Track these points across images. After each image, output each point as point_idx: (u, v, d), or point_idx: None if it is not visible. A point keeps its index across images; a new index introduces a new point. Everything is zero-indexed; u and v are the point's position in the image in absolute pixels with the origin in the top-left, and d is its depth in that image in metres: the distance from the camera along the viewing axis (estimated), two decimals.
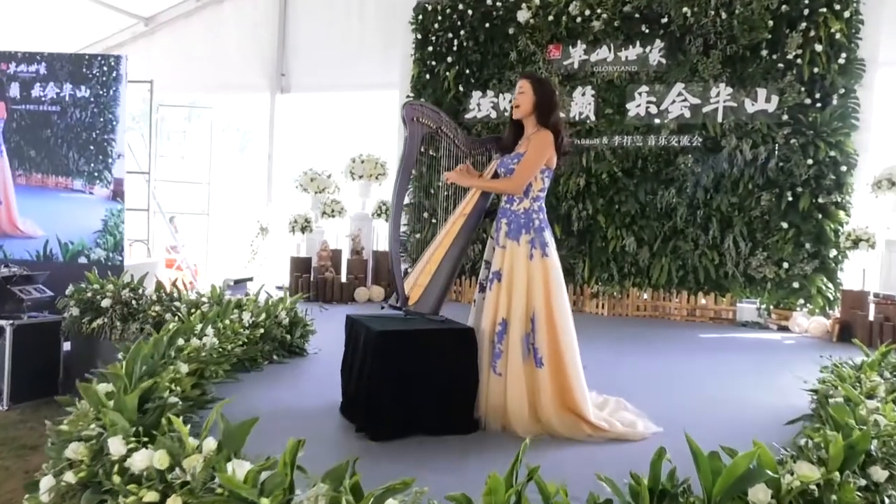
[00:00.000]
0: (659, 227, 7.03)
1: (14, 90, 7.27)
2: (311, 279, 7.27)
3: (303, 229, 7.47)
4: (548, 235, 3.19)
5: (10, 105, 7.27)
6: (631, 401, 3.48)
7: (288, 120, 9.45)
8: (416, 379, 2.93)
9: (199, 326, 3.63)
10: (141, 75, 8.65)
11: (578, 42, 7.33)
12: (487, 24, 7.64)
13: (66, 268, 6.80)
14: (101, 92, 7.26)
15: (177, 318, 4.72)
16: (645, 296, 7.19)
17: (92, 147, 7.23)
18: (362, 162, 7.78)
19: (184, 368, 2.95)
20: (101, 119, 7.25)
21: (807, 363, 4.21)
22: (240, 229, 9.61)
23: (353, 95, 9.77)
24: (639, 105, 7.11)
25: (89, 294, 5.27)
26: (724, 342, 5.94)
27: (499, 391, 3.07)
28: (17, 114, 7.26)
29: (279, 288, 8.09)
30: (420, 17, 7.96)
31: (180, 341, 3.23)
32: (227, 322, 3.98)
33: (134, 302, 5.14)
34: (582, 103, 7.33)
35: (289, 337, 4.43)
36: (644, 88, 7.08)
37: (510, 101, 7.56)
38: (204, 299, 4.98)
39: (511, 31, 7.54)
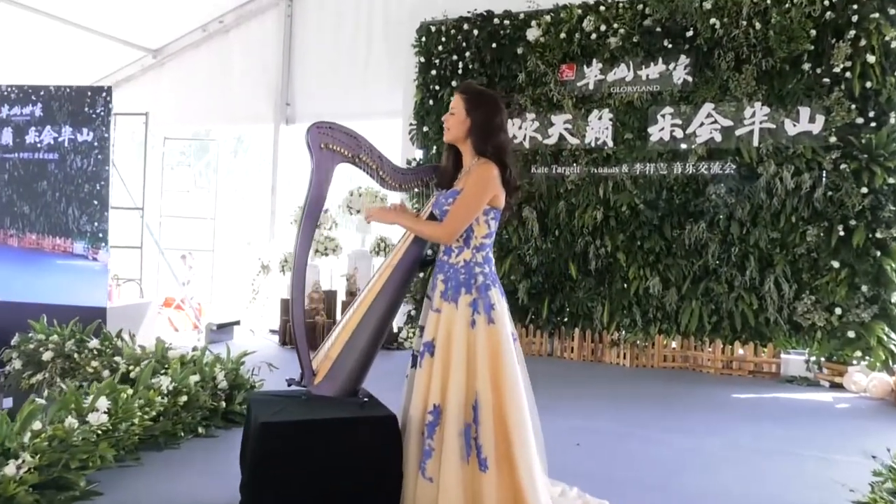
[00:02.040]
0: (688, 266, 6.16)
1: (6, 136, 6.46)
2: None
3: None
4: (495, 294, 2.45)
5: (3, 154, 6.47)
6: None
7: (292, 152, 8.98)
8: (310, 487, 2.22)
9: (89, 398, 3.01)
10: (149, 108, 8.34)
11: (594, 61, 6.60)
12: (494, 44, 6.99)
13: (31, 309, 5.68)
14: (105, 135, 6.33)
15: (115, 375, 4.16)
16: (673, 344, 6.29)
17: (96, 202, 6.26)
18: (360, 195, 7.18)
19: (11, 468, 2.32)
20: (106, 168, 6.31)
21: (868, 435, 3.31)
22: (244, 267, 9.12)
23: (357, 125, 9.22)
24: (662, 129, 6.30)
25: (32, 345, 4.77)
26: (766, 404, 5.02)
27: (428, 502, 2.33)
28: (10, 163, 6.43)
29: (273, 332, 7.53)
30: (423, 38, 7.38)
31: (36, 424, 2.60)
32: (140, 389, 3.36)
33: (76, 355, 4.60)
34: (598, 128, 6.56)
35: (224, 404, 3.77)
36: (668, 110, 6.28)
37: (520, 127, 6.93)
38: (149, 353, 4.39)
39: (520, 50, 6.87)
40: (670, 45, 6.24)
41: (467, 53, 7.11)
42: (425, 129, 7.31)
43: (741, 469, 3.45)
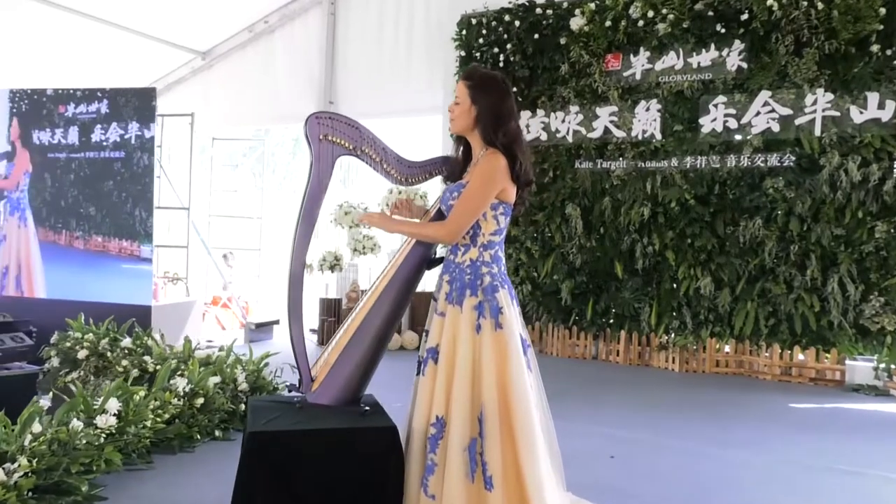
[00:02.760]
0: (742, 265, 5.77)
1: (73, 135, 6.42)
2: (338, 323, 6.57)
3: (332, 268, 6.81)
4: (503, 297, 2.24)
5: (69, 153, 6.40)
6: None
7: None
8: (302, 502, 2.07)
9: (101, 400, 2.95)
10: (199, 109, 8.48)
11: (641, 49, 6.27)
12: (536, 35, 6.74)
13: (80, 306, 5.70)
14: (150, 136, 6.27)
15: (145, 374, 4.16)
16: (726, 349, 5.91)
17: (142, 202, 6.19)
18: (399, 193, 7.04)
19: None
20: (151, 168, 6.25)
21: None
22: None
23: (400, 122, 9.14)
24: (714, 119, 5.93)
25: (69, 344, 4.82)
26: (827, 416, 4.62)
27: None
28: (76, 163, 6.36)
29: (312, 331, 7.49)
30: (463, 31, 7.19)
31: (36, 427, 2.54)
32: (156, 391, 3.30)
33: (108, 354, 4.63)
34: (646, 120, 6.23)
35: (244, 406, 3.68)
36: (721, 99, 5.89)
37: (563, 121, 6.65)
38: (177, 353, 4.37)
39: (563, 40, 6.60)
40: (723, 30, 5.86)
41: (508, 45, 6.88)
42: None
43: (795, 488, 3.13)
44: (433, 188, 5.69)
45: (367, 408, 2.33)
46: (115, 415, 2.93)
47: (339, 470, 2.14)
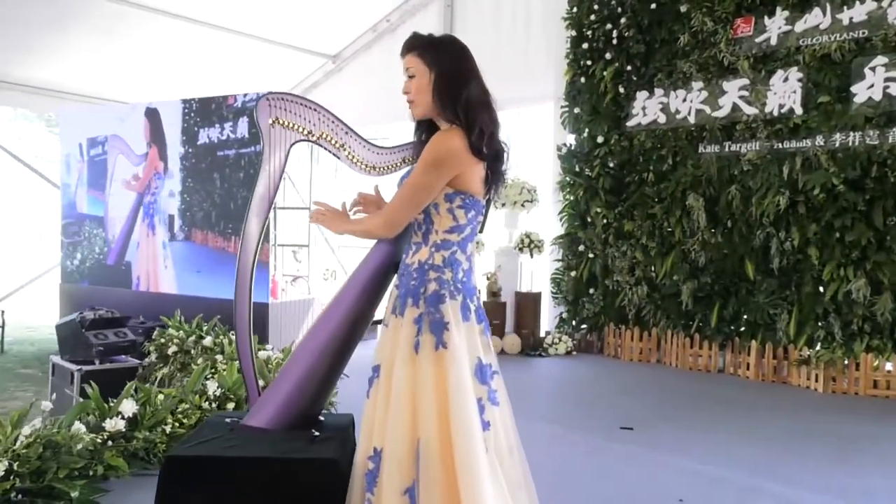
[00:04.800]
0: None
1: (242, 127, 6.30)
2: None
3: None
4: (451, 310, 1.80)
5: (238, 149, 6.25)
6: None
7: None
8: None
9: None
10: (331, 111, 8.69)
11: (777, 8, 5.30)
12: (653, 5, 5.97)
13: (204, 304, 5.92)
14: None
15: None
16: (888, 366, 4.81)
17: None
18: (506, 187, 6.62)
19: None
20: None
21: None
22: None
23: (517, 112, 8.67)
24: (871, 86, 4.84)
25: (163, 340, 5.04)
26: None
27: None
28: (245, 159, 6.24)
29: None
30: (574, 8, 6.59)
31: (26, 429, 2.53)
32: (186, 394, 3.24)
33: (192, 351, 4.75)
34: (783, 92, 5.26)
35: None
36: (880, 61, 4.80)
37: (684, 100, 5.84)
38: None
39: (683, 8, 5.78)
40: None
41: (622, 20, 6.18)
42: (577, 110, 6.52)
43: None
44: None
45: (316, 433, 2.02)
46: (129, 418, 2.88)
47: None
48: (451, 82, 1.85)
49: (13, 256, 12.60)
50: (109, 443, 2.77)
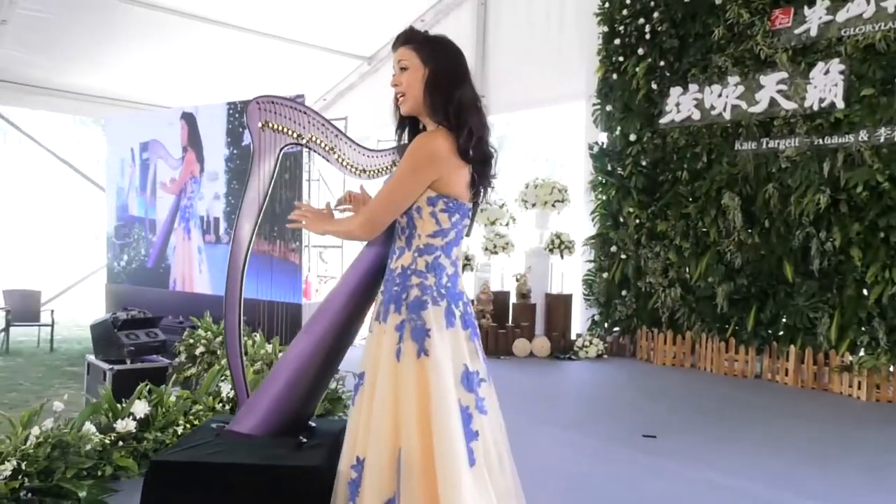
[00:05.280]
0: None
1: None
2: None
3: (462, 268, 6.49)
4: (433, 316, 1.75)
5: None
6: None
7: None
8: None
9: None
10: (368, 113, 8.84)
11: None
12: None
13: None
14: None
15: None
16: None
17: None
18: (535, 187, 6.54)
19: None
20: (297, 172, 6.29)
21: None
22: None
23: (550, 111, 8.56)
24: None
25: (192, 340, 5.12)
26: None
27: None
28: (290, 159, 6.11)
29: None
30: (606, 3, 6.44)
31: (35, 429, 2.58)
32: (185, 395, 3.28)
33: (218, 351, 4.82)
34: (824, 85, 5.02)
35: None
36: None
37: (719, 95, 5.64)
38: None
39: (718, 0, 5.58)
40: None
41: (655, 14, 6.02)
42: (608, 108, 6.38)
43: None
44: None
45: (304, 439, 2.00)
46: (141, 419, 2.93)
47: None
48: (446, 82, 1.79)
49: (65, 257, 13.10)
50: (120, 443, 2.82)
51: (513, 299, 6.48)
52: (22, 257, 13.52)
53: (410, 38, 1.87)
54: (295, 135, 2.07)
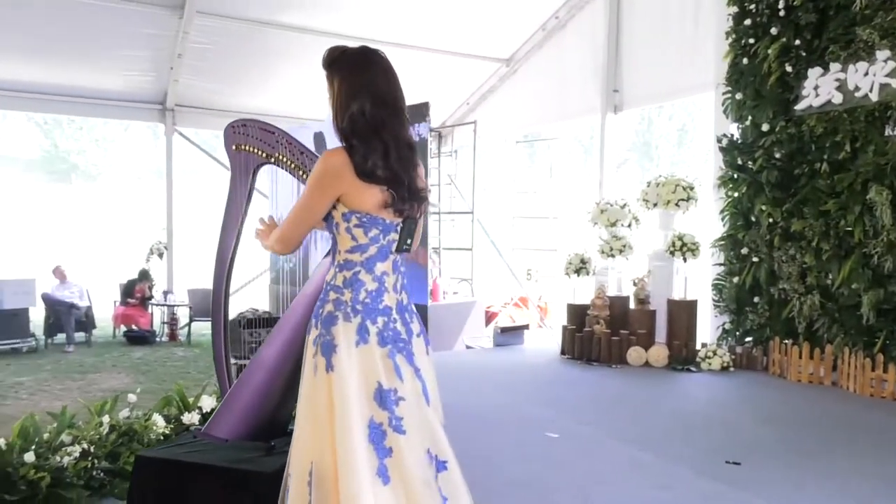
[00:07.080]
0: None
1: (423, 130, 6.95)
2: (578, 332, 6.05)
3: (577, 271, 6.28)
4: (343, 332, 1.75)
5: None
6: None
7: (617, 141, 8.26)
8: None
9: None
10: (506, 115, 9.01)
11: None
12: None
13: None
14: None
15: None
16: None
17: None
18: (657, 185, 6.14)
19: None
20: None
21: None
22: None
23: (684, 103, 7.94)
24: None
25: None
26: None
27: None
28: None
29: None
30: None
31: (105, 417, 2.97)
32: None
33: None
34: None
35: None
36: None
37: (865, 73, 4.90)
38: None
39: None
40: None
41: None
42: (738, 96, 5.80)
43: None
44: None
45: (273, 443, 2.10)
46: (206, 413, 3.24)
47: None
48: (342, 97, 1.79)
49: (240, 260, 14.64)
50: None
51: (630, 305, 6.13)
52: (203, 260, 15.40)
53: (324, 60, 1.87)
54: (265, 154, 2.19)
